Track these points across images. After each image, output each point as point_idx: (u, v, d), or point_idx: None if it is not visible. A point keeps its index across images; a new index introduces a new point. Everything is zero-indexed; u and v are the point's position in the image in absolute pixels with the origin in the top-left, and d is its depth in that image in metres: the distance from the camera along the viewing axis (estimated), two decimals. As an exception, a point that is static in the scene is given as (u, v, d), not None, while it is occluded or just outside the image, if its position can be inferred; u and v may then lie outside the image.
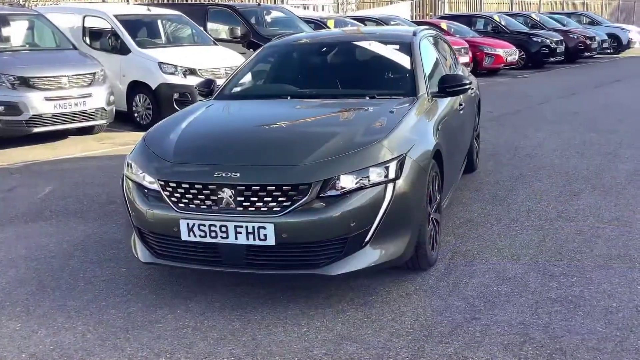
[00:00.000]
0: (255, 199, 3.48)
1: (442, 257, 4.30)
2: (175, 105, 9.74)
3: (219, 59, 10.33)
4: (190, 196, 3.59)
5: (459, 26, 18.73)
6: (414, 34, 5.28)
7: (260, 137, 4.06)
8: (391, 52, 4.99)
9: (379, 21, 17.04)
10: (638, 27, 29.63)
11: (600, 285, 3.80)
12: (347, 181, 3.49)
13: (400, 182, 3.58)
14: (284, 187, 3.45)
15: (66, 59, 9.10)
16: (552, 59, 19.80)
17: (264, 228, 3.43)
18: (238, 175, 3.51)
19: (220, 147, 3.93)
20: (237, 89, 5.06)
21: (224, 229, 3.49)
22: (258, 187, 3.47)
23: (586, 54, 21.80)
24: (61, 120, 8.61)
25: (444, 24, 18.22)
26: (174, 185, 3.64)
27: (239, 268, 3.63)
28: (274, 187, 3.46)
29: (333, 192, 3.47)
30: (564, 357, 3.03)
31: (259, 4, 13.73)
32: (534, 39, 19.59)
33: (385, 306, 3.64)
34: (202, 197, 3.57)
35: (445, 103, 4.80)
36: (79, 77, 8.81)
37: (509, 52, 17.85)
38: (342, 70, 5.13)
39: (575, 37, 21.33)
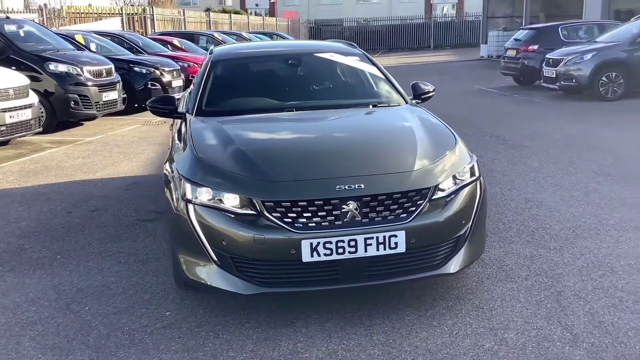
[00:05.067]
0: (381, 208, 3.44)
1: (455, 248, 4.67)
2: (-40, 134, 8.21)
3: (4, 79, 8.96)
4: (309, 214, 3.38)
5: (189, 43, 18.82)
6: (352, 45, 5.54)
7: (350, 147, 3.93)
8: (357, 63, 5.16)
9: (115, 35, 16.23)
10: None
11: (615, 250, 4.56)
12: (449, 183, 3.67)
13: (482, 180, 3.89)
14: (409, 193, 3.49)
15: None
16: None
17: (395, 236, 3.41)
18: (362, 186, 3.43)
19: (324, 159, 3.72)
20: (219, 105, 4.68)
21: (352, 243, 3.37)
22: (385, 196, 3.44)
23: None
24: None
25: (176, 41, 18.16)
26: (288, 204, 3.37)
27: (360, 282, 3.51)
28: (400, 195, 3.47)
29: (440, 194, 3.61)
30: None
31: (7, 17, 12.03)
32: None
33: (481, 295, 3.88)
34: (323, 213, 3.39)
35: None
36: None
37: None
38: (323, 81, 5.12)
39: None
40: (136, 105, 13.41)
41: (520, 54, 15.71)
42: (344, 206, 3.39)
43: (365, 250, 3.39)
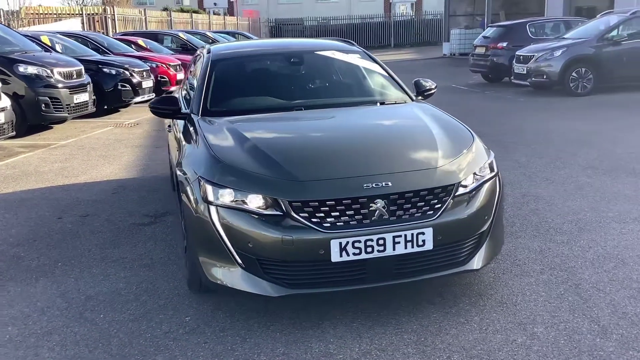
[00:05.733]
0: (409, 205, 3.41)
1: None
2: None
3: (-24, 81, 8.66)
4: (337, 213, 3.32)
5: (154, 43, 18.51)
6: (350, 43, 5.50)
7: (373, 145, 3.88)
8: (359, 60, 5.12)
9: (79, 36, 15.87)
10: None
11: (621, 242, 4.63)
12: (471, 179, 3.67)
13: (500, 175, 3.89)
14: (435, 190, 3.47)
15: None
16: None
17: (423, 233, 3.38)
18: (390, 184, 3.39)
19: (348, 157, 3.66)
20: (225, 104, 4.57)
21: (381, 241, 3.33)
22: (412, 194, 3.41)
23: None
24: None
25: (141, 41, 17.84)
26: (315, 204, 3.31)
27: (388, 280, 3.47)
28: (426, 192, 3.44)
29: (463, 191, 3.60)
30: (678, 294, 3.78)
31: (-29, 18, 11.64)
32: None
33: (501, 290, 3.88)
34: (351, 212, 3.34)
35: None
36: None
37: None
38: (327, 79, 5.06)
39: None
40: (106, 107, 13.13)
41: (489, 51, 15.93)
42: (371, 204, 3.35)
43: (394, 249, 3.35)
